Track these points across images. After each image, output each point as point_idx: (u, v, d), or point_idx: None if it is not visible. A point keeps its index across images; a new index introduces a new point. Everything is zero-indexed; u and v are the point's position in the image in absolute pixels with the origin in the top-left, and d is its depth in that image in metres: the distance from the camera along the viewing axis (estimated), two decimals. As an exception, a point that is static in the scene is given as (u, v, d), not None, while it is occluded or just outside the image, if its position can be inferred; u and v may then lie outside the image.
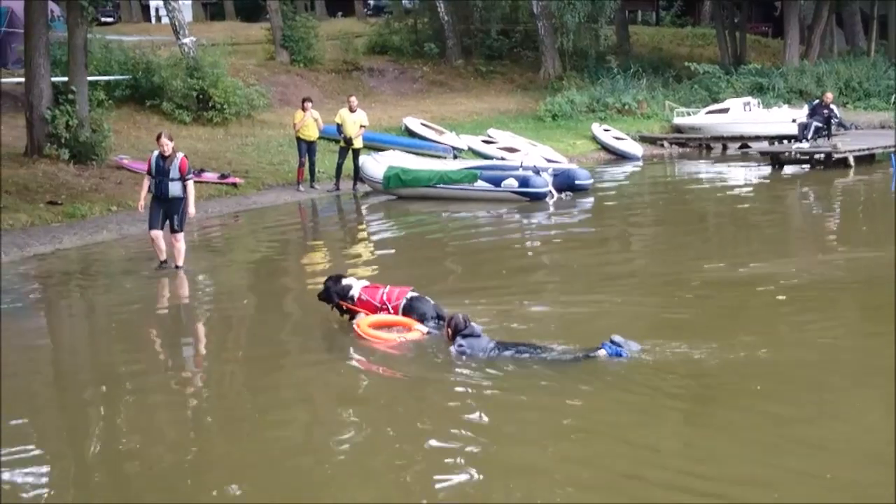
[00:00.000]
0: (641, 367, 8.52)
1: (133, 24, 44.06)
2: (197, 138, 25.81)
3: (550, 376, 8.35)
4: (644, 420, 7.39)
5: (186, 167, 13.53)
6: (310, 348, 9.82)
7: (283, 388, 8.67)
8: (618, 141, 30.92)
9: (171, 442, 7.30)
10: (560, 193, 20.52)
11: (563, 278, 12.92)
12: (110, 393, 8.47)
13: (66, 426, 7.79)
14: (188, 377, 9.05)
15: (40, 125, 20.58)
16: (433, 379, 8.65)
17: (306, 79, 33.73)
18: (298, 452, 7.09)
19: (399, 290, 10.49)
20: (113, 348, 10.34)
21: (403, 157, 23.18)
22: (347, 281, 10.59)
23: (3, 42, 28.78)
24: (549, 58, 37.89)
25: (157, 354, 9.79)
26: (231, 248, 17.19)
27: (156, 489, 6.50)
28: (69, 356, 10.16)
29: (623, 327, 9.86)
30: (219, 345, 10.08)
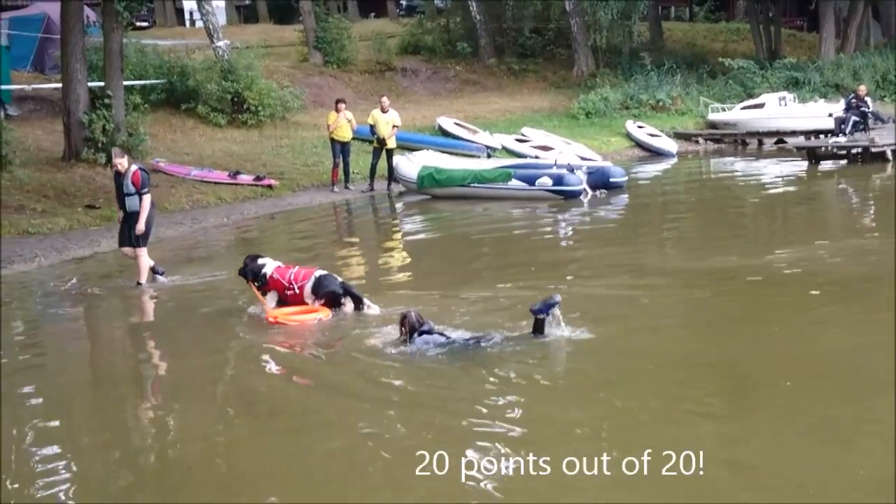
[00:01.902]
0: (671, 362, 8.52)
1: (167, 28, 44.35)
2: (232, 141, 25.98)
3: (579, 370, 8.35)
4: (675, 415, 7.36)
5: (139, 180, 13.01)
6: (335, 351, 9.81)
7: (309, 389, 8.68)
8: (652, 138, 30.81)
9: (201, 443, 7.33)
10: (595, 191, 20.46)
11: (594, 274, 12.86)
12: (143, 393, 8.54)
13: (99, 427, 7.83)
14: (221, 376, 9.07)
15: (77, 130, 20.77)
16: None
17: (339, 80, 33.84)
18: (332, 454, 7.14)
19: (306, 271, 11.16)
20: (146, 349, 10.42)
21: (437, 156, 23.20)
22: (263, 260, 11.29)
23: (41, 48, 29.07)
24: (582, 55, 37.81)
25: (187, 356, 9.81)
26: (266, 249, 17.23)
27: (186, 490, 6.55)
28: (105, 357, 10.22)
29: (654, 322, 9.90)
30: (248, 347, 10.11)
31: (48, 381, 9.15)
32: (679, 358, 8.78)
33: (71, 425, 7.84)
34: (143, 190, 13.03)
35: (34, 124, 24.23)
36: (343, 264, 15.36)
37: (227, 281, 12.56)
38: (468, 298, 11.29)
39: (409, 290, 12.51)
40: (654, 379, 8.28)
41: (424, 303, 11.25)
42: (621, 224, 18.54)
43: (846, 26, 40.63)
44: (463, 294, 11.53)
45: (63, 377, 9.30)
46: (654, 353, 8.96)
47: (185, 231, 18.00)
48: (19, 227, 16.78)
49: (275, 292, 11.08)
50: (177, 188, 20.78)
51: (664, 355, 8.91)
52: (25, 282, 13.72)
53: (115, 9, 20.86)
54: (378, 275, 14.10)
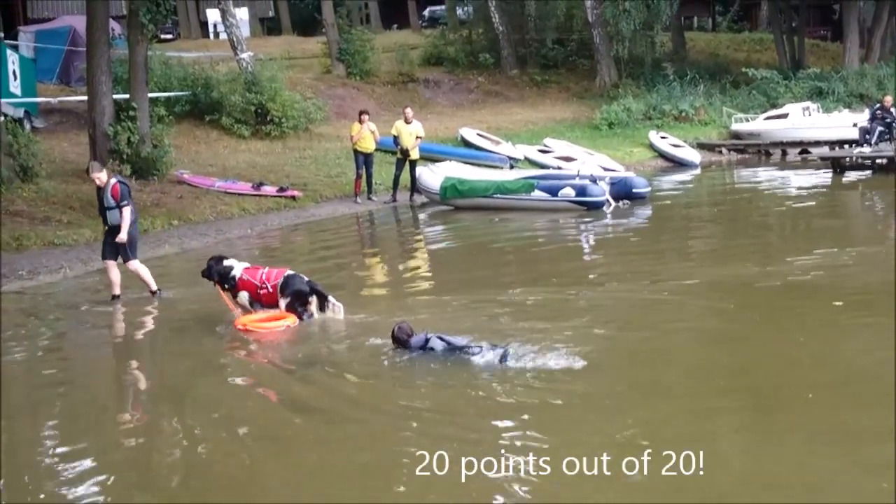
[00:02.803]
0: (691, 371, 8.52)
1: (192, 41, 44.56)
2: (255, 152, 26.11)
3: (590, 380, 8.34)
4: (692, 423, 7.36)
5: (118, 193, 12.83)
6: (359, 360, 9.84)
7: (333, 396, 8.70)
8: (675, 148, 30.75)
9: (226, 453, 7.37)
10: (617, 202, 20.44)
11: (616, 285, 12.86)
12: (165, 404, 8.58)
13: (123, 438, 7.87)
14: (244, 386, 9.11)
15: (103, 141, 20.92)
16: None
17: (362, 91, 33.96)
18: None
19: (277, 271, 11.44)
20: (169, 359, 10.46)
21: (460, 167, 23.24)
22: (229, 262, 11.60)
23: (66, 60, 29.35)
24: (604, 66, 37.80)
25: (209, 366, 9.86)
26: (289, 260, 17.32)
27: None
28: (127, 368, 10.27)
29: (676, 331, 9.89)
30: (272, 354, 10.15)
31: (72, 393, 9.22)
32: (699, 368, 8.79)
33: (98, 440, 7.89)
34: (123, 202, 12.85)
35: (60, 136, 24.46)
36: (366, 274, 15.45)
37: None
38: (489, 307, 11.34)
39: (431, 299, 12.58)
40: (672, 388, 8.28)
41: (446, 312, 11.34)
42: (644, 234, 18.48)
43: (870, 36, 40.45)
44: (484, 303, 11.58)
45: (84, 390, 9.38)
46: (675, 362, 8.98)
47: (209, 242, 18.08)
48: (45, 238, 16.91)
49: (246, 293, 11.35)
50: (201, 199, 20.88)
51: (684, 364, 8.94)
52: (52, 293, 13.81)
53: (141, 21, 21.03)
54: (400, 284, 14.17)
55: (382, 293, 13.82)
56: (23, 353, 10.73)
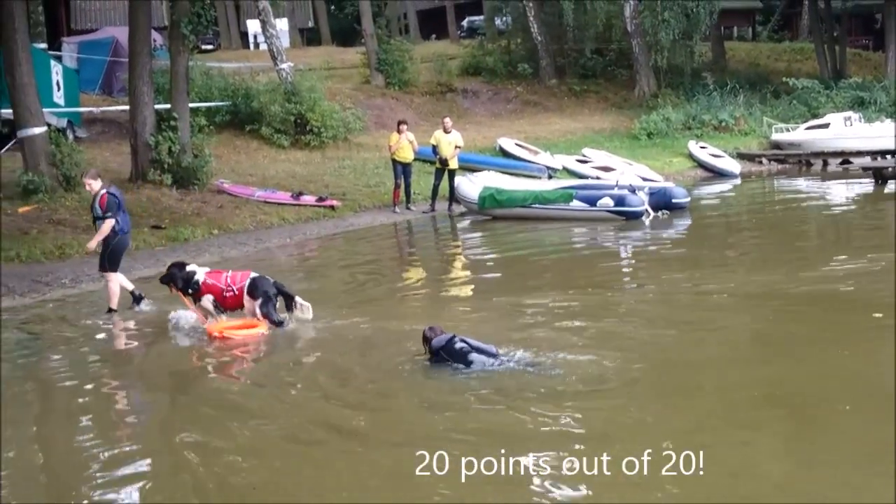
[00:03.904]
0: (726, 382, 8.50)
1: (232, 51, 44.95)
2: (295, 162, 26.26)
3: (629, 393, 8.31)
4: (741, 438, 7.31)
5: (105, 204, 12.79)
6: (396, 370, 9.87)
7: (369, 401, 8.74)
8: (715, 158, 30.59)
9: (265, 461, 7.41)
10: (656, 212, 20.36)
11: (654, 296, 12.81)
12: (207, 412, 8.64)
13: (168, 448, 7.94)
14: (288, 394, 9.15)
15: (144, 151, 21.13)
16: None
17: (401, 101, 34.07)
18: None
19: (241, 273, 11.65)
20: (208, 367, 10.54)
21: (498, 177, 23.23)
22: (191, 267, 11.75)
23: (109, 71, 29.70)
24: (643, 76, 37.71)
25: (250, 374, 9.93)
26: (327, 269, 17.41)
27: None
28: (168, 376, 10.33)
29: (714, 342, 9.84)
30: (311, 361, 10.20)
31: (107, 399, 9.32)
32: (735, 378, 8.72)
33: (136, 447, 7.97)
34: (107, 214, 12.77)
35: (102, 146, 24.75)
36: (404, 283, 15.48)
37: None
38: (525, 315, 11.36)
39: (468, 307, 12.62)
40: (707, 399, 8.25)
41: (482, 319, 11.36)
42: (683, 245, 18.40)
43: (913, 45, 40.04)
44: (520, 311, 11.60)
45: (120, 397, 9.48)
46: (710, 373, 8.93)
47: (248, 251, 18.19)
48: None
49: (210, 296, 11.52)
50: (241, 209, 21.03)
51: (720, 375, 8.88)
52: (94, 300, 13.94)
53: (182, 32, 21.25)
54: (438, 292, 14.20)
55: (420, 302, 13.83)
56: (60, 360, 10.87)
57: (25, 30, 19.96)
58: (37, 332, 12.09)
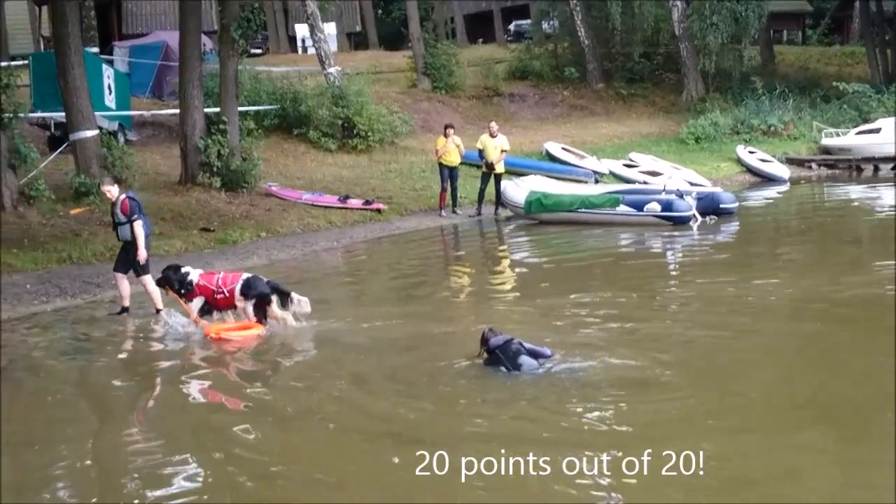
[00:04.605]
0: (775, 390, 8.45)
1: (281, 55, 45.21)
2: (342, 165, 26.38)
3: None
4: (787, 447, 7.28)
5: (127, 208, 12.93)
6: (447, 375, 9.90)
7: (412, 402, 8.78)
8: (763, 163, 30.32)
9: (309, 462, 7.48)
10: (704, 217, 20.23)
11: (701, 302, 12.75)
12: (255, 415, 8.73)
13: (213, 447, 8.02)
14: (336, 396, 9.21)
15: (194, 154, 21.34)
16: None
17: (448, 105, 34.11)
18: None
19: (233, 275, 12.00)
20: (249, 369, 10.63)
21: (545, 181, 23.19)
22: (185, 269, 12.09)
23: (159, 75, 30.01)
24: (691, 80, 37.47)
25: (291, 377, 10.00)
26: (373, 272, 17.50)
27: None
28: (216, 376, 10.43)
29: (760, 350, 9.79)
30: (353, 363, 10.26)
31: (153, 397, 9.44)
32: (778, 383, 8.69)
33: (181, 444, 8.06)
34: (133, 217, 12.94)
35: (152, 149, 25.01)
36: (450, 287, 15.52)
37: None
38: (572, 318, 11.37)
39: (514, 310, 12.66)
40: (750, 404, 8.23)
41: (529, 322, 11.36)
42: (730, 250, 18.29)
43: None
44: (566, 315, 11.61)
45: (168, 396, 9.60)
46: (756, 380, 8.91)
47: (295, 254, 18.32)
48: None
49: (202, 297, 11.84)
50: (288, 212, 21.16)
51: (764, 380, 8.85)
52: (142, 301, 14.10)
53: (232, 37, 21.44)
54: (484, 296, 14.24)
55: (466, 306, 13.87)
56: (106, 360, 11.11)
57: (78, 34, 20.23)
58: (86, 333, 12.27)
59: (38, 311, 13.42)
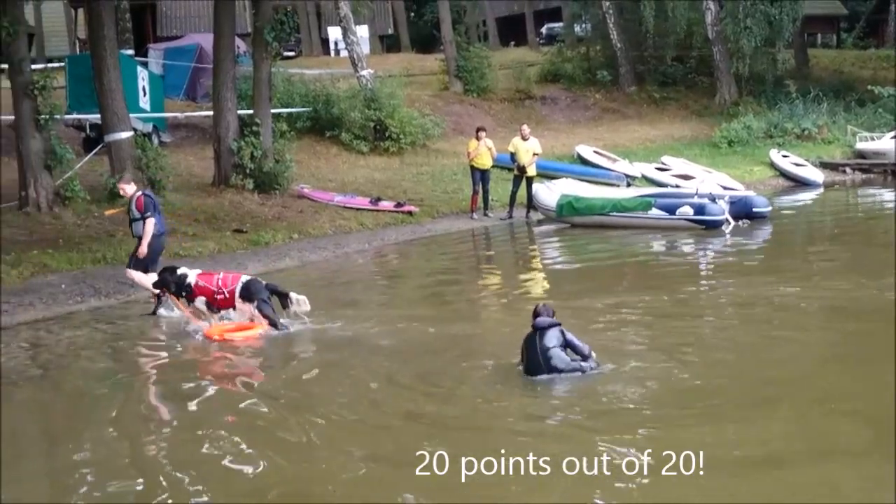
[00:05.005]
0: (805, 396, 8.48)
1: (313, 58, 45.36)
2: (374, 167, 26.46)
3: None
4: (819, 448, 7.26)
5: (142, 205, 13.09)
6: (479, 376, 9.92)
7: (448, 402, 8.81)
8: (797, 167, 30.13)
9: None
10: (737, 221, 20.14)
11: (733, 307, 12.70)
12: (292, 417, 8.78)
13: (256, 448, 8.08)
14: (366, 396, 9.25)
15: (227, 156, 21.47)
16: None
17: (479, 108, 34.13)
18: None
19: (233, 276, 12.00)
20: (280, 369, 10.68)
21: (576, 184, 23.18)
22: (182, 270, 12.09)
23: (193, 77, 30.23)
24: (724, 83, 37.29)
25: (318, 378, 10.05)
26: (404, 275, 17.55)
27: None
28: (247, 376, 10.47)
29: (791, 357, 9.75)
30: (385, 364, 10.30)
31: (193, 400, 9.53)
32: (815, 393, 8.63)
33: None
34: (147, 214, 13.08)
35: (186, 151, 25.20)
36: (481, 289, 15.54)
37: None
38: (602, 322, 11.37)
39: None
40: (783, 411, 8.20)
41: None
42: (763, 255, 18.21)
43: None
44: (597, 318, 11.61)
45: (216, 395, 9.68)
46: (786, 384, 8.85)
47: (327, 256, 18.39)
48: (170, 250, 17.28)
49: (203, 298, 11.85)
50: (320, 213, 21.25)
51: (796, 387, 8.81)
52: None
53: (265, 39, 21.56)
54: (515, 299, 14.23)
55: (496, 308, 13.89)
56: (139, 360, 11.24)
57: (114, 36, 20.40)
58: (120, 333, 12.38)
59: (74, 311, 13.55)
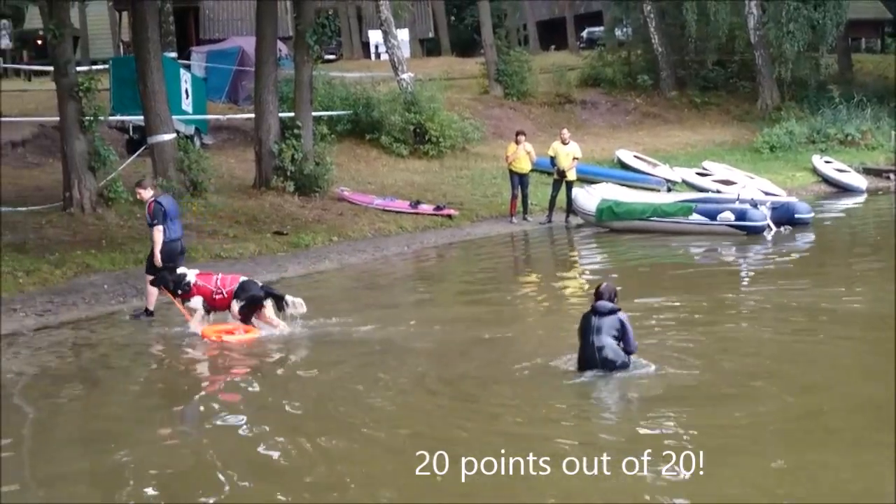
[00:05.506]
0: (846, 405, 8.40)
1: (354, 61, 45.47)
2: (413, 171, 26.50)
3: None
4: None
5: (151, 212, 12.99)
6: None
7: (486, 404, 8.81)
8: (840, 173, 29.83)
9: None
10: (779, 227, 19.99)
11: (773, 314, 12.62)
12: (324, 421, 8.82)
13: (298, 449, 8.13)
14: (407, 400, 9.27)
15: (268, 159, 21.58)
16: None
17: (519, 112, 34.07)
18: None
19: (231, 277, 12.17)
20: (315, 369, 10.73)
21: (616, 189, 23.09)
22: (181, 270, 12.22)
23: (235, 80, 30.41)
24: (766, 88, 36.99)
25: (360, 379, 10.08)
26: (443, 278, 17.57)
27: None
28: (285, 381, 10.53)
29: (832, 365, 9.68)
30: (421, 364, 10.33)
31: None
32: (857, 402, 8.55)
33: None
34: (154, 222, 12.97)
35: (228, 153, 25.38)
36: (519, 293, 15.54)
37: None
38: (636, 325, 11.33)
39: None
40: (823, 419, 8.13)
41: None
42: (806, 262, 18.05)
43: None
44: (635, 324, 11.55)
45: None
46: (831, 394, 8.78)
47: (366, 258, 18.45)
48: (212, 251, 17.53)
49: (200, 297, 11.95)
50: (360, 216, 21.31)
51: (834, 394, 8.73)
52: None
53: (307, 43, 21.65)
54: (553, 303, 14.29)
55: (534, 312, 13.89)
56: (177, 361, 11.35)
57: (157, 39, 20.62)
58: (163, 333, 12.49)
59: (116, 311, 13.68)
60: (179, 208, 14.23)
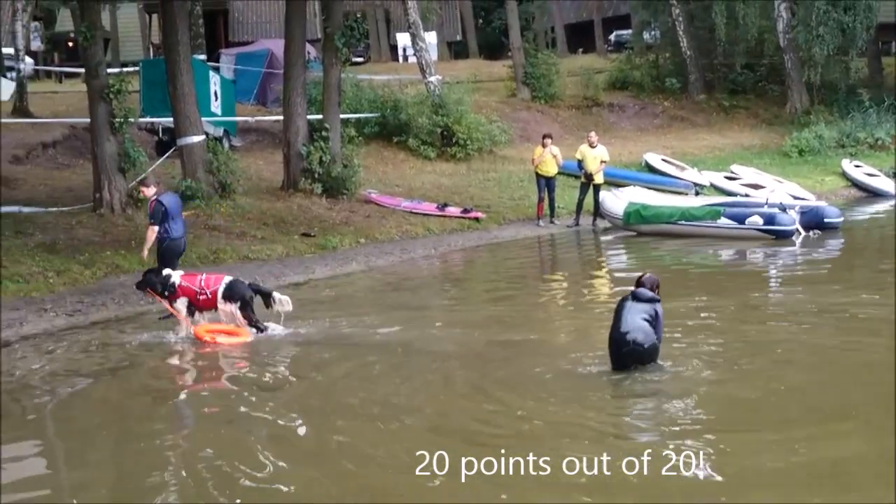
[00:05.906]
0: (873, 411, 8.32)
1: (382, 64, 45.60)
2: (441, 173, 26.53)
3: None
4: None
5: (151, 210, 13.18)
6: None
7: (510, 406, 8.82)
8: (870, 178, 29.61)
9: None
10: (808, 231, 19.88)
11: (799, 319, 12.54)
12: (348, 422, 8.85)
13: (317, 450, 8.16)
14: (427, 404, 9.29)
15: (296, 161, 21.67)
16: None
17: (547, 115, 34.05)
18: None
19: (216, 277, 12.20)
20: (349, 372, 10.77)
21: (644, 193, 23.03)
22: (166, 271, 12.27)
23: (264, 82, 30.58)
24: (795, 92, 36.79)
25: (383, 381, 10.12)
26: (470, 280, 17.59)
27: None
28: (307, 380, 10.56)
29: (859, 372, 9.61)
30: (448, 366, 10.33)
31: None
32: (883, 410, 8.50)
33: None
34: (152, 220, 13.14)
35: (256, 155, 25.50)
36: (546, 295, 15.53)
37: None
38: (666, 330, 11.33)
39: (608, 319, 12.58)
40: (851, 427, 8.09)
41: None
42: (835, 267, 17.94)
43: None
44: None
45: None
46: (859, 406, 8.71)
47: (393, 261, 18.49)
48: (240, 252, 17.63)
49: (185, 299, 12.02)
50: (387, 219, 21.36)
51: (866, 401, 8.68)
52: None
53: (335, 45, 21.74)
54: (579, 306, 14.23)
55: (560, 314, 13.87)
56: (203, 361, 11.41)
57: (187, 42, 20.76)
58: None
59: (145, 311, 13.76)
60: (181, 207, 14.15)
